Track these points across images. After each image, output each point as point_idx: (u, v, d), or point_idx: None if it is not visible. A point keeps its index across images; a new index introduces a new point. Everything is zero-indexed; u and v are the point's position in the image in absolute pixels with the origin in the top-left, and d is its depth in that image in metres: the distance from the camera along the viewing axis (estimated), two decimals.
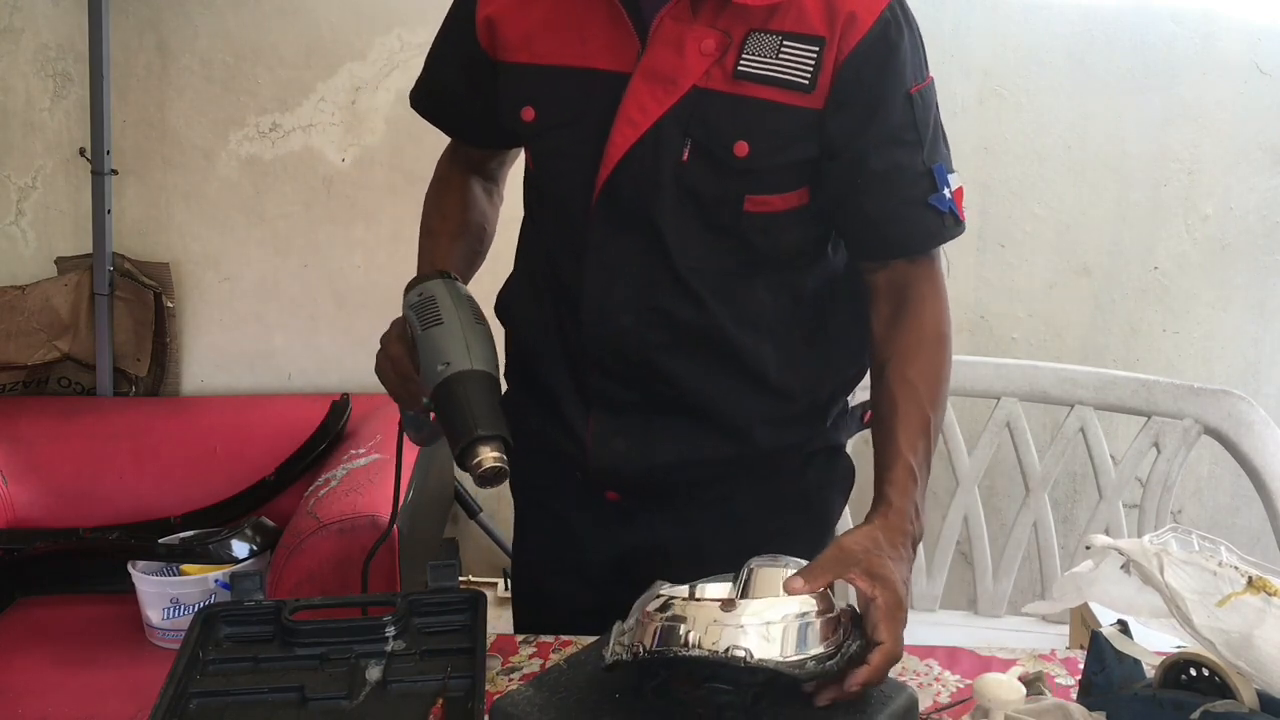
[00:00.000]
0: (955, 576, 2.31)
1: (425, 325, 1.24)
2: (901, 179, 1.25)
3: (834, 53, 1.20)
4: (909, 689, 1.05)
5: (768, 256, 1.28)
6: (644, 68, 1.21)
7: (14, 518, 2.30)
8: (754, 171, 1.23)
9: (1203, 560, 0.99)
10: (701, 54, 1.20)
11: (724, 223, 1.25)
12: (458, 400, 1.19)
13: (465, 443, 1.17)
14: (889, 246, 1.29)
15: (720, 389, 1.30)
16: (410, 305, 1.28)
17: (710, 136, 1.21)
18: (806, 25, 1.20)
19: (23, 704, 1.88)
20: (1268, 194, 2.53)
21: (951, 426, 2.21)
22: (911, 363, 1.26)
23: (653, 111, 1.21)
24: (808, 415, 1.36)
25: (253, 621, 1.22)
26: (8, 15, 2.45)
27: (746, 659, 0.96)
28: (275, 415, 2.43)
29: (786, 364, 1.32)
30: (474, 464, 1.16)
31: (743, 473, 1.35)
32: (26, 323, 2.47)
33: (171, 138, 2.48)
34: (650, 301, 1.27)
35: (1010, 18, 2.46)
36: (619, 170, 1.23)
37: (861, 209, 1.26)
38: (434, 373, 1.21)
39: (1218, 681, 0.95)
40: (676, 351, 1.28)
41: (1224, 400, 2.08)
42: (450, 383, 1.20)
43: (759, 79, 1.20)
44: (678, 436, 1.31)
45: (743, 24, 1.20)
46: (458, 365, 1.20)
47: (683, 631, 0.98)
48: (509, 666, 1.24)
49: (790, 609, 1.01)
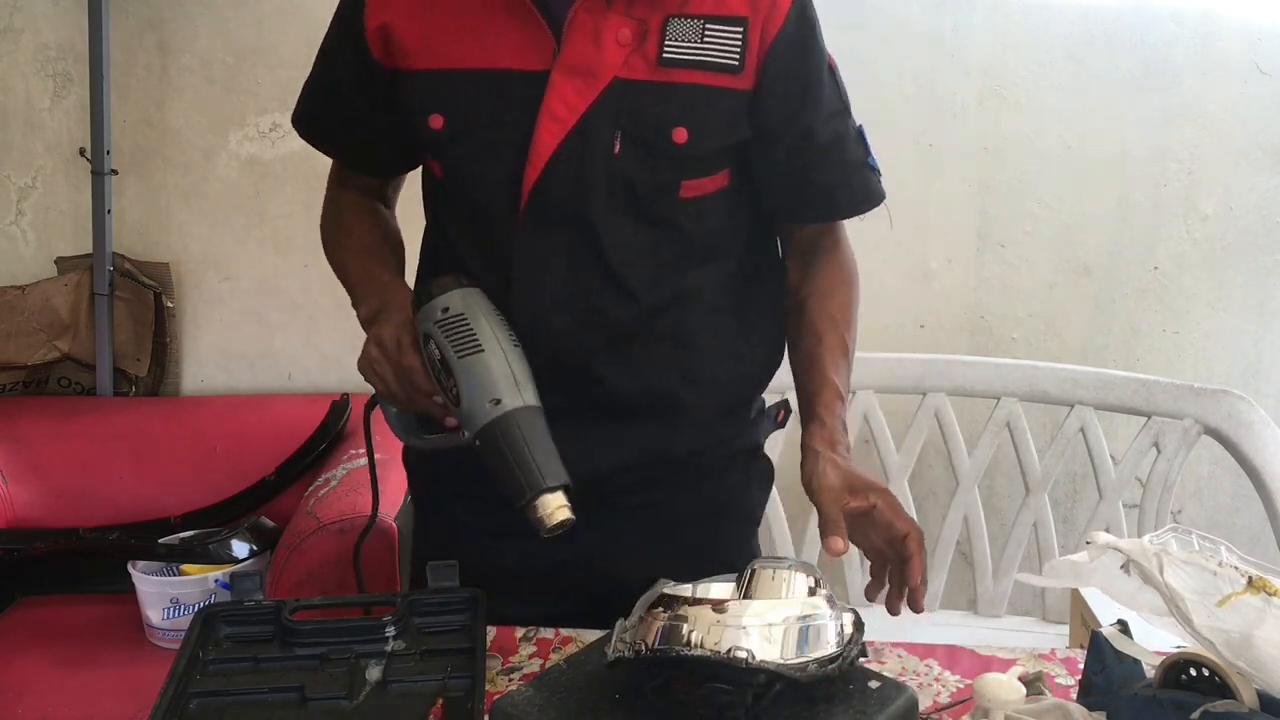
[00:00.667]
0: (955, 576, 2.32)
1: (463, 352, 1.15)
2: (845, 147, 1.31)
3: (759, 33, 1.21)
4: (909, 689, 1.05)
5: (699, 245, 1.28)
6: (562, 63, 1.19)
7: (14, 518, 2.30)
8: (692, 157, 1.23)
9: (1203, 560, 0.99)
10: (619, 44, 1.19)
11: (660, 213, 1.25)
12: (516, 446, 1.12)
13: (531, 496, 1.11)
14: (838, 210, 1.35)
15: (656, 386, 1.30)
16: (436, 323, 1.18)
17: (643, 126, 1.21)
18: (726, 7, 1.21)
19: (23, 704, 1.88)
20: (1268, 194, 2.53)
21: (951, 426, 2.21)
22: (831, 297, 1.34)
23: (577, 106, 1.19)
24: (735, 407, 1.37)
25: (253, 621, 1.22)
26: (8, 15, 2.45)
27: (748, 660, 0.96)
28: (275, 415, 2.43)
29: (719, 354, 1.33)
30: (541, 517, 1.11)
31: (668, 477, 1.34)
32: (26, 323, 2.47)
33: (171, 138, 2.48)
34: (584, 301, 1.25)
35: (1010, 18, 2.46)
36: (548, 170, 1.21)
37: (811, 180, 1.30)
38: (480, 410, 1.14)
39: (1218, 681, 0.95)
40: (612, 351, 1.27)
41: (1224, 400, 2.08)
42: (502, 424, 1.13)
43: (686, 64, 1.20)
44: (610, 441, 1.29)
45: (659, 10, 1.19)
46: (510, 403, 1.14)
47: (685, 631, 0.98)
48: (509, 666, 1.24)
49: (793, 610, 1.01)
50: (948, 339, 2.59)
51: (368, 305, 1.29)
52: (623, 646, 1.02)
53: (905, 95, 2.49)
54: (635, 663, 1.01)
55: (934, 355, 2.27)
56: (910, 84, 2.49)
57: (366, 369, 1.24)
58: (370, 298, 1.30)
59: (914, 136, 2.50)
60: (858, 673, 1.05)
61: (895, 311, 2.57)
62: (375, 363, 1.23)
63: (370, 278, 1.33)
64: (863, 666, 1.06)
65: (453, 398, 1.17)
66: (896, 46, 2.47)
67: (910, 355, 2.26)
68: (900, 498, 2.21)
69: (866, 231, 2.53)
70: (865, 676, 1.05)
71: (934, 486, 2.59)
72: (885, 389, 2.22)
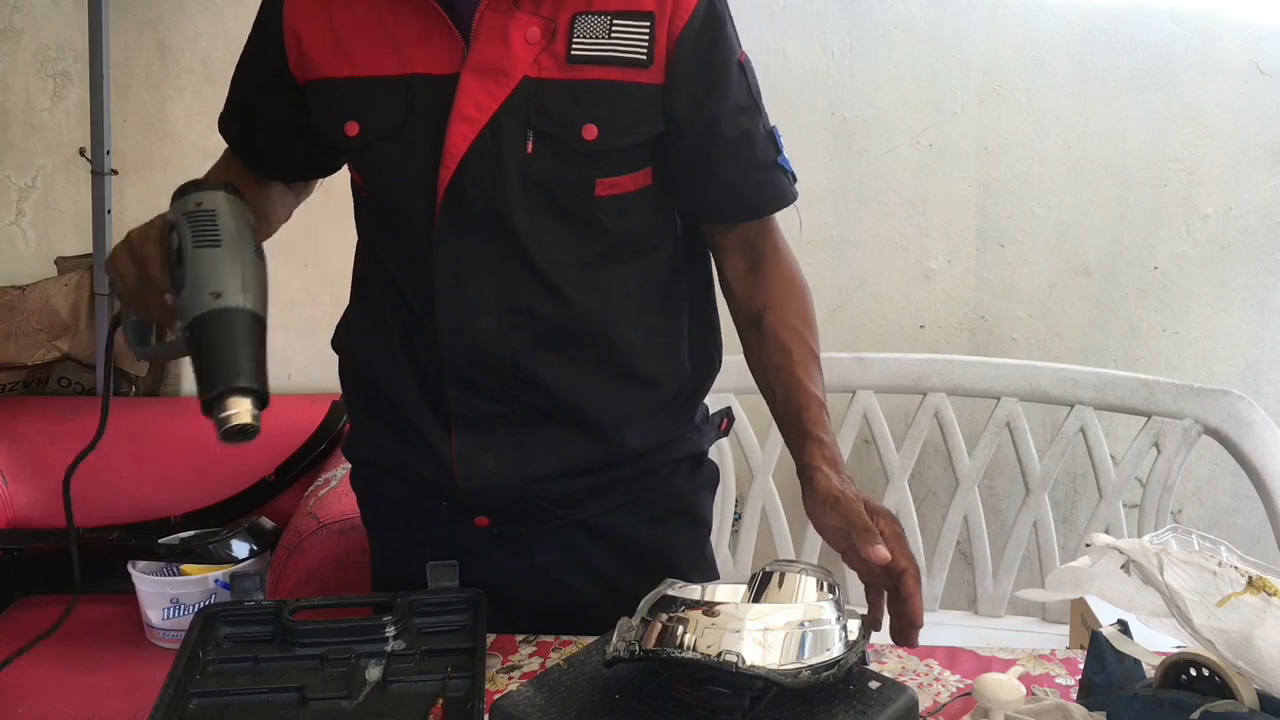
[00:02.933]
0: (955, 576, 2.32)
1: (200, 243, 1.10)
2: (753, 145, 1.29)
3: (666, 27, 1.21)
4: (909, 690, 1.05)
5: (623, 241, 1.27)
6: (472, 64, 1.19)
7: (14, 518, 2.30)
8: (604, 154, 1.22)
9: (1203, 560, 0.99)
10: (528, 42, 1.19)
11: (577, 211, 1.24)
12: (221, 340, 1.07)
13: (219, 391, 1.06)
14: (746, 210, 1.32)
15: (590, 386, 1.28)
16: (184, 212, 1.14)
17: (553, 124, 1.20)
18: (633, 2, 1.20)
19: (23, 704, 1.88)
20: (1268, 194, 2.53)
21: (951, 426, 2.21)
22: (788, 308, 1.31)
23: (488, 106, 1.19)
24: (675, 406, 1.35)
25: (252, 621, 1.22)
26: (8, 15, 2.45)
27: (738, 664, 0.96)
28: (275, 415, 2.40)
29: (652, 350, 1.31)
30: (223, 416, 1.05)
31: (611, 486, 1.32)
32: (26, 323, 2.47)
33: (171, 138, 2.48)
34: (509, 301, 1.24)
35: (1010, 18, 2.46)
36: (461, 171, 1.20)
37: (717, 176, 1.28)
38: (199, 300, 1.08)
39: (1218, 681, 0.95)
40: (542, 351, 1.26)
41: (1224, 400, 2.08)
42: (216, 317, 1.08)
43: (594, 60, 1.20)
44: (548, 446, 1.27)
45: (566, 8, 1.19)
46: (230, 300, 1.08)
47: (680, 633, 0.98)
48: (509, 666, 1.24)
49: (795, 615, 1.00)
50: (948, 339, 2.59)
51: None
52: (621, 646, 1.02)
53: (905, 95, 2.49)
54: (631, 662, 1.01)
55: (934, 355, 2.27)
56: (910, 84, 2.49)
57: (110, 265, 1.19)
58: None
59: (914, 136, 2.51)
60: (858, 673, 1.05)
61: (895, 311, 2.57)
62: (117, 258, 1.18)
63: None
64: (863, 668, 1.06)
65: (177, 285, 1.11)
66: (896, 46, 2.47)
67: (910, 355, 2.26)
68: (900, 498, 2.22)
69: (866, 232, 2.55)
70: (865, 677, 1.05)
71: (934, 486, 2.59)
72: (885, 389, 2.22)
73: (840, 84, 2.49)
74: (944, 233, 2.55)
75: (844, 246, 2.54)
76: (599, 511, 1.33)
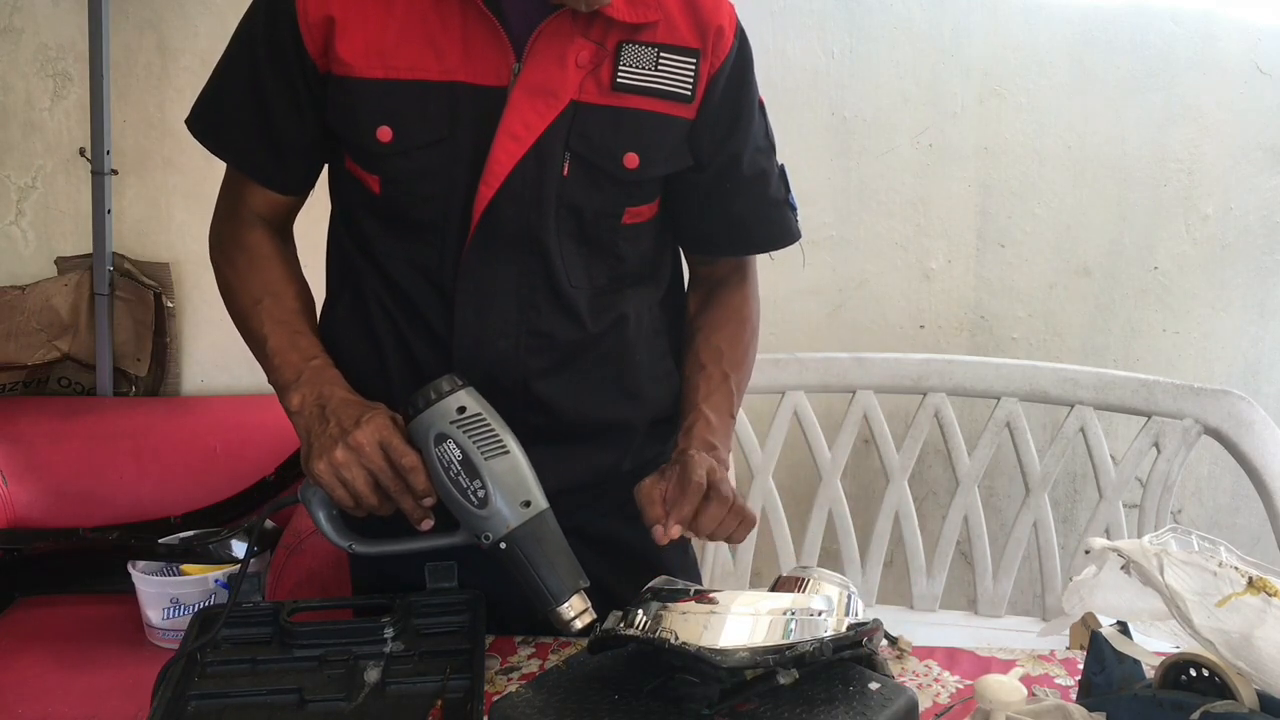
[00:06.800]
0: (955, 576, 2.32)
1: (490, 453, 1.12)
2: (768, 182, 1.33)
3: (708, 65, 1.24)
4: (909, 690, 1.05)
5: (633, 268, 1.30)
6: (524, 82, 1.17)
7: (14, 518, 2.30)
8: (639, 183, 1.25)
9: (1203, 560, 0.99)
10: (578, 66, 1.19)
11: (601, 236, 1.26)
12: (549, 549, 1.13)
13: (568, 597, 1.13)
14: (752, 245, 1.38)
15: (598, 406, 1.30)
16: (454, 423, 1.12)
17: (593, 150, 1.21)
18: (679, 38, 1.23)
19: (23, 704, 1.88)
20: (1268, 194, 2.53)
21: (951, 426, 2.21)
22: (718, 331, 1.36)
23: (536, 126, 1.18)
24: (666, 424, 1.36)
25: (251, 623, 1.22)
26: (8, 15, 2.45)
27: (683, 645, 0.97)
28: (275, 415, 2.38)
29: (655, 373, 1.34)
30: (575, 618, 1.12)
31: (606, 495, 1.32)
32: (26, 323, 2.47)
33: (171, 138, 2.48)
34: (530, 324, 1.24)
35: (1010, 18, 2.46)
36: (503, 190, 1.19)
37: (730, 211, 1.32)
38: (511, 512, 1.12)
39: (1218, 681, 0.95)
40: (554, 375, 1.26)
41: (1224, 400, 2.08)
42: (536, 525, 1.13)
43: (639, 90, 1.21)
44: (549, 466, 1.24)
45: (612, 36, 1.20)
46: (539, 504, 1.13)
47: (664, 619, 1.00)
48: (507, 667, 1.24)
49: (780, 604, 1.02)
50: (948, 339, 2.59)
51: (300, 394, 1.20)
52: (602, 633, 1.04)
53: (905, 95, 2.49)
54: (613, 642, 1.04)
55: (934, 355, 2.27)
56: (910, 84, 2.49)
57: (328, 472, 1.12)
58: (302, 385, 1.21)
59: (914, 136, 2.51)
60: (858, 674, 1.05)
61: (895, 311, 2.57)
62: (342, 466, 1.12)
63: (296, 356, 1.24)
64: (861, 668, 1.06)
65: (477, 500, 1.12)
66: (896, 46, 2.47)
67: (910, 355, 2.26)
68: (900, 497, 2.22)
69: (866, 232, 2.55)
70: (865, 678, 1.05)
71: (934, 486, 2.59)
72: (885, 389, 2.22)
73: (840, 84, 2.49)
74: (944, 233, 2.55)
75: (844, 246, 2.54)
76: (591, 519, 1.33)
